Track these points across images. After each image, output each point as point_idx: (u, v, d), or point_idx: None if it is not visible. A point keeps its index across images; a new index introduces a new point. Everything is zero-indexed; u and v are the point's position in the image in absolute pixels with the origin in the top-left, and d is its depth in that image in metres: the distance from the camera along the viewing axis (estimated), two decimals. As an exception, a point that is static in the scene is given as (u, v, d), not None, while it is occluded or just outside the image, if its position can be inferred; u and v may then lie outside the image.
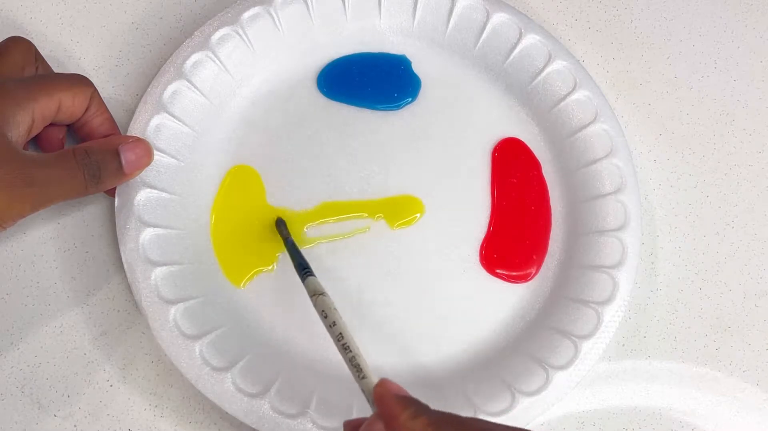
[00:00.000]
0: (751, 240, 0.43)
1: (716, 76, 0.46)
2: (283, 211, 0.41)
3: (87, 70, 0.43)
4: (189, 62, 0.41)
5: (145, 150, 0.37)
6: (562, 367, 0.37)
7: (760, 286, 0.42)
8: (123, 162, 0.36)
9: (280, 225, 0.40)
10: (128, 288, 0.39)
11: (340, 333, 0.33)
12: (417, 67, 0.44)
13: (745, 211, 0.44)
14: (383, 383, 0.29)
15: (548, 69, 0.43)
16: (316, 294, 0.35)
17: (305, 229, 0.41)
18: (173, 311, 0.37)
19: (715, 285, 0.42)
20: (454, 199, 0.42)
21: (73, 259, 0.40)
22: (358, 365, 0.31)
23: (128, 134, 0.40)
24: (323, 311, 0.34)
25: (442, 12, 0.43)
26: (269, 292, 0.39)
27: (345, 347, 0.32)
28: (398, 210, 0.41)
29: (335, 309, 0.34)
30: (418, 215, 0.41)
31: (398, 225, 0.41)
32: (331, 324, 0.33)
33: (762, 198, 0.44)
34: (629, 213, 0.40)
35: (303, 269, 0.37)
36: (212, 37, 0.41)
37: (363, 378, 0.31)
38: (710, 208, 0.44)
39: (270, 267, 0.40)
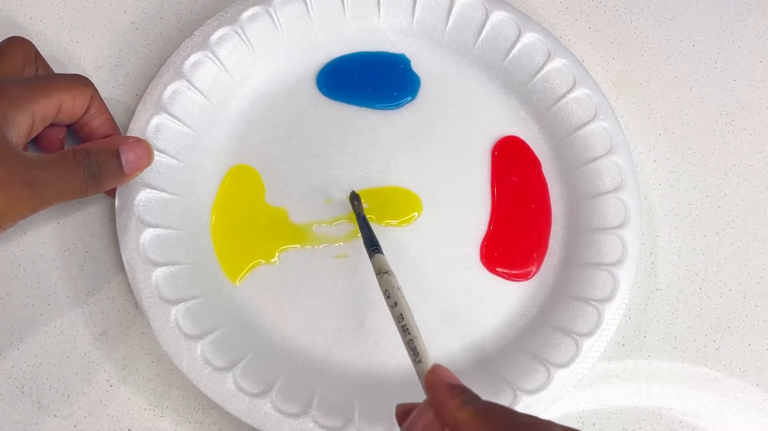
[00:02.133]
0: (751, 240, 0.43)
1: (716, 76, 0.46)
2: (283, 210, 0.41)
3: (87, 70, 0.43)
4: (188, 62, 0.41)
5: (145, 150, 0.37)
6: (563, 365, 0.37)
7: (760, 286, 0.42)
8: (123, 162, 0.36)
9: (354, 198, 0.40)
10: (128, 288, 0.39)
11: (401, 314, 0.32)
12: (416, 66, 0.44)
13: (745, 211, 0.44)
14: (435, 369, 0.29)
15: (547, 67, 0.43)
16: (381, 273, 0.34)
17: (314, 228, 0.41)
18: (174, 311, 0.37)
19: (715, 285, 0.42)
20: (454, 198, 0.42)
21: (73, 259, 0.40)
22: (416, 348, 0.31)
23: (128, 134, 0.40)
24: (386, 290, 0.33)
25: (441, 10, 0.43)
26: (271, 292, 0.39)
27: (404, 329, 0.31)
28: (398, 205, 0.41)
29: (399, 289, 0.33)
30: (417, 214, 0.41)
31: (399, 224, 0.41)
32: (393, 304, 0.33)
33: (762, 198, 0.44)
34: (629, 210, 0.40)
35: (372, 246, 0.36)
36: (211, 37, 0.41)
37: (419, 362, 0.30)
38: (710, 207, 0.44)
39: (272, 261, 0.40)
